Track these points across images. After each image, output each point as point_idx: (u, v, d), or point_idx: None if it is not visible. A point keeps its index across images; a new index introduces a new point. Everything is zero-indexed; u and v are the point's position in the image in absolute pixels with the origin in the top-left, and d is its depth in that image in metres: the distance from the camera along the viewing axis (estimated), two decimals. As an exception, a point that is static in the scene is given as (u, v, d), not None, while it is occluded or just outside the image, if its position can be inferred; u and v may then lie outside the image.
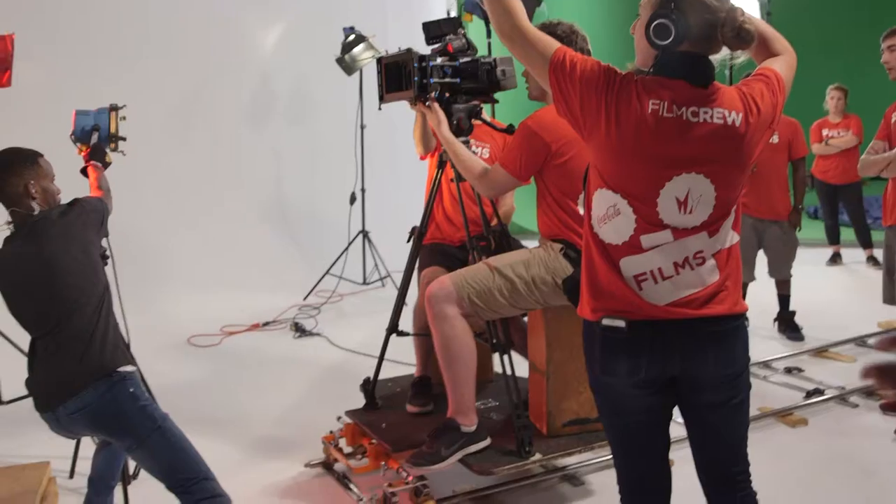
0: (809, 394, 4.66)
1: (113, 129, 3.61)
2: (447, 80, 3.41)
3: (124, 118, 3.66)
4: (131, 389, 2.85)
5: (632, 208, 2.10)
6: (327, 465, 3.89)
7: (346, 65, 7.14)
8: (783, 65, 2.26)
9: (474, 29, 7.38)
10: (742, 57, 2.29)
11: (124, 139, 3.62)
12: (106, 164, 3.49)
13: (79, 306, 2.82)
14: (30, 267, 2.82)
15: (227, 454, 4.02)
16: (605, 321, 2.14)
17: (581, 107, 2.10)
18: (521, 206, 4.43)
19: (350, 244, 7.46)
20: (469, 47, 3.49)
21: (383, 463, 3.55)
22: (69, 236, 2.86)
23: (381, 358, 3.88)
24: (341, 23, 7.22)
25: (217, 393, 5.10)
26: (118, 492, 3.37)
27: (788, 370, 5.14)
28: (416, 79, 3.34)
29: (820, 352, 5.51)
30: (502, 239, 3.70)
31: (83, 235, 2.91)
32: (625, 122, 2.05)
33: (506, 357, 3.44)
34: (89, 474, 3.24)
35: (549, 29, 3.17)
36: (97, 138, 3.55)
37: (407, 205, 8.28)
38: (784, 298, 5.91)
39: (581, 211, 2.33)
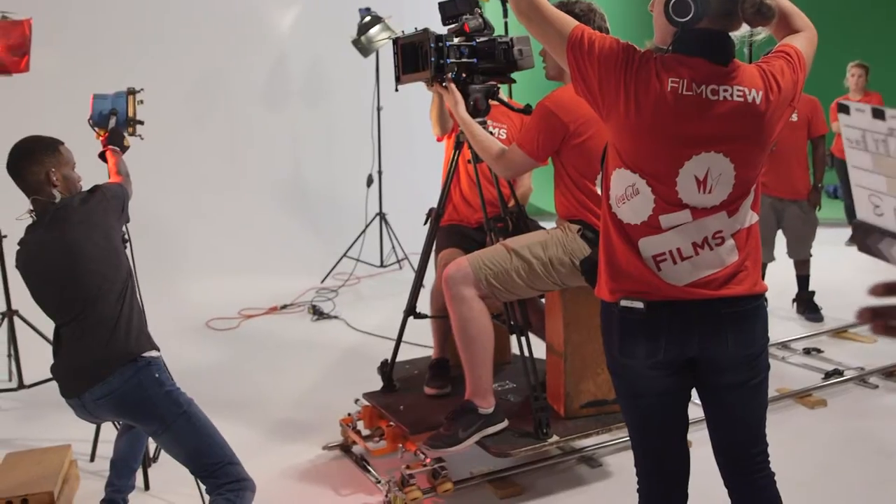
0: (828, 375, 4.64)
1: (131, 113, 3.60)
2: (464, 60, 3.39)
3: (142, 102, 3.64)
4: (157, 374, 2.86)
5: (650, 188, 2.08)
6: (345, 448, 3.91)
7: (363, 46, 7.11)
8: (804, 41, 2.23)
9: (491, 9, 7.33)
10: (762, 34, 2.26)
11: (142, 123, 3.61)
12: (124, 149, 3.48)
13: (102, 293, 2.83)
14: (52, 255, 2.83)
15: (245, 437, 4.04)
16: (624, 302, 2.12)
17: (599, 86, 2.08)
18: (539, 187, 4.41)
19: (367, 226, 7.46)
20: (486, 27, 3.47)
21: (401, 445, 3.57)
22: (91, 223, 2.87)
23: (399, 340, 3.89)
24: (357, 4, 7.18)
25: (235, 376, 5.12)
26: (139, 474, 3.40)
27: (807, 351, 5.11)
28: (432, 59, 3.32)
29: (839, 332, 5.48)
30: (519, 220, 3.69)
31: (104, 222, 2.92)
32: (644, 100, 2.03)
33: (523, 339, 3.43)
34: (111, 457, 3.27)
35: (567, 7, 3.14)
36: (115, 122, 3.54)
37: (424, 186, 8.27)
38: (803, 279, 5.87)
39: (599, 191, 2.31)
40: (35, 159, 2.91)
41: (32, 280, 2.91)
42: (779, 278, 5.68)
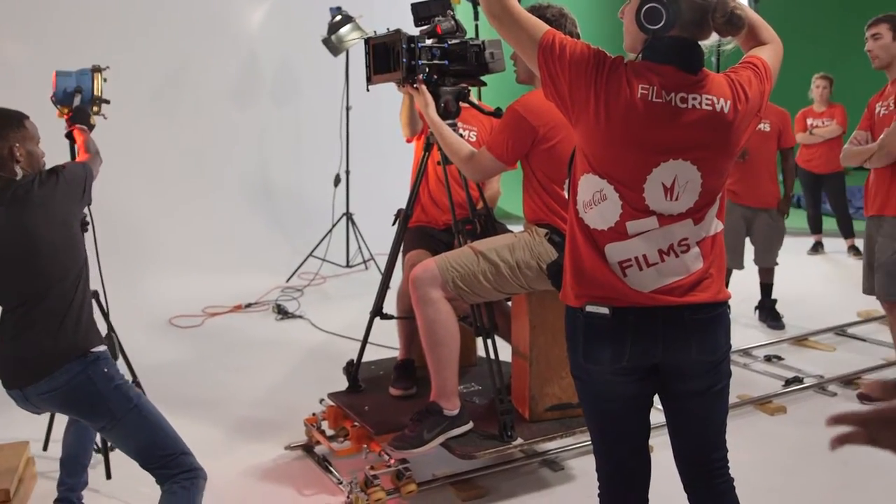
0: (789, 382, 4.69)
1: (97, 92, 3.49)
2: (435, 62, 3.40)
3: (106, 80, 3.53)
4: (105, 369, 2.78)
5: (618, 194, 2.09)
6: (308, 448, 3.88)
7: (333, 45, 7.09)
8: (770, 53, 2.26)
9: (462, 11, 7.33)
10: (731, 44, 2.29)
11: (108, 102, 3.51)
12: (91, 127, 3.38)
13: (56, 282, 2.75)
14: (8, 236, 2.73)
15: (207, 435, 4.01)
16: (589, 308, 2.13)
17: (570, 90, 2.09)
18: (507, 191, 4.42)
19: (334, 226, 7.44)
20: (458, 29, 3.47)
21: (365, 446, 3.55)
22: (49, 208, 2.76)
23: (365, 341, 3.88)
24: (328, 3, 7.16)
25: (198, 374, 5.07)
26: (99, 462, 3.34)
27: (768, 358, 5.17)
28: (404, 60, 3.32)
29: (800, 340, 5.55)
30: (488, 223, 3.69)
31: (63, 207, 2.81)
32: (614, 106, 2.04)
33: (489, 341, 3.44)
34: (61, 455, 3.21)
35: (539, 12, 3.16)
36: (80, 101, 3.44)
37: (391, 187, 8.25)
38: (766, 287, 5.94)
39: (567, 196, 2.32)
40: (0, 134, 2.81)
41: None
42: (740, 286, 5.75)
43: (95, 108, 3.49)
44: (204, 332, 5.97)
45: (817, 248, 8.42)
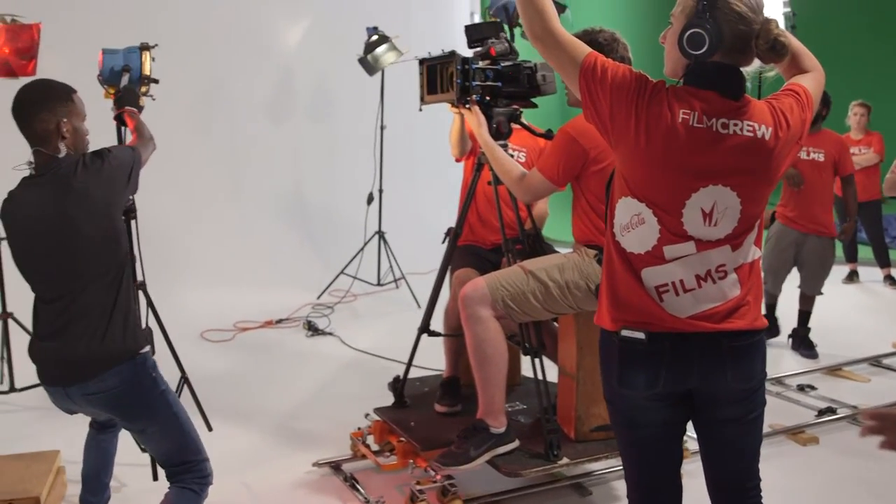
0: (822, 412, 4.63)
1: (146, 71, 3.42)
2: (488, 83, 3.44)
3: (154, 59, 3.43)
4: (153, 374, 2.78)
5: (656, 218, 2.09)
6: (336, 466, 3.89)
7: (369, 64, 7.13)
8: (812, 81, 2.26)
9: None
10: (773, 70, 2.28)
11: (157, 81, 3.42)
12: (140, 108, 3.29)
13: (97, 276, 2.66)
14: (47, 219, 2.60)
15: (234, 449, 4.04)
16: (625, 332, 2.12)
17: (610, 113, 2.09)
18: (552, 214, 4.43)
19: (366, 244, 7.46)
20: (511, 51, 3.52)
21: (411, 461, 3.59)
22: (91, 196, 2.62)
23: (412, 357, 3.91)
24: (365, 22, 7.22)
25: (227, 388, 5.09)
26: (145, 465, 3.35)
27: (801, 387, 5.11)
28: (458, 81, 3.37)
29: (833, 370, 5.48)
30: (536, 243, 3.72)
31: (107, 196, 2.67)
32: (655, 130, 2.04)
33: (536, 360, 3.46)
34: (82, 471, 3.17)
35: (591, 36, 3.20)
36: (128, 80, 3.36)
37: (424, 207, 8.30)
38: (805, 315, 5.88)
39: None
40: (47, 106, 2.64)
41: (19, 240, 2.69)
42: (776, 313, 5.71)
43: (144, 88, 3.41)
44: (235, 346, 6.00)
45: (852, 276, 8.32)
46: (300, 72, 8.13)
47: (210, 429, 4.03)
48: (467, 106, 3.39)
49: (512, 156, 3.55)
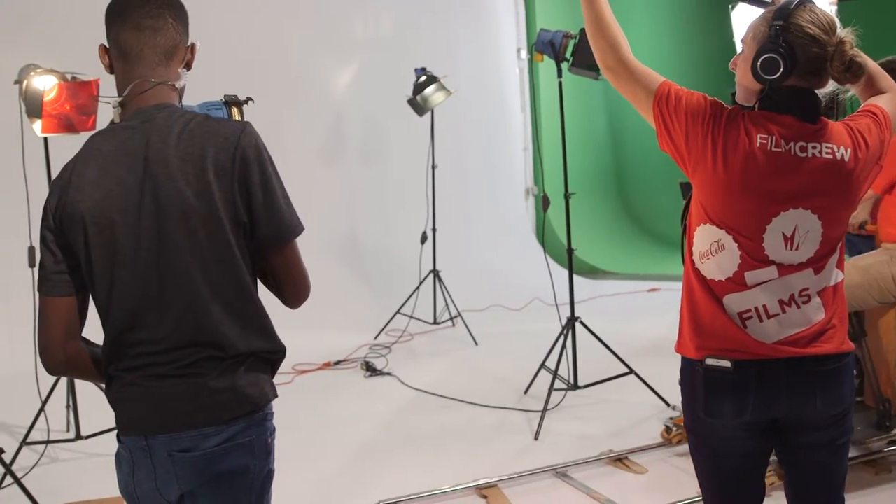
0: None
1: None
2: None
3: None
4: (269, 439, 2.01)
5: (737, 244, 2.08)
6: (402, 505, 3.86)
7: (418, 105, 7.19)
8: (889, 102, 2.23)
9: (545, 69, 7.40)
10: (849, 92, 2.26)
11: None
12: None
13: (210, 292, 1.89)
14: (146, 192, 1.86)
15: (298, 493, 4.03)
16: (710, 361, 2.10)
17: (686, 141, 2.08)
18: (595, 244, 4.39)
19: (421, 283, 7.47)
20: None
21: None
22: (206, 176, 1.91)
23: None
24: (413, 64, 7.29)
25: (289, 431, 5.05)
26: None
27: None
28: None
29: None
30: None
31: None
32: (732, 155, 2.03)
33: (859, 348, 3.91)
34: None
35: (892, 65, 3.27)
36: None
37: (477, 245, 8.28)
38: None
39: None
40: (180, 13, 1.95)
41: (107, 216, 1.86)
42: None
43: None
44: (294, 389, 6.01)
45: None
46: (350, 115, 8.24)
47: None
48: None
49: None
